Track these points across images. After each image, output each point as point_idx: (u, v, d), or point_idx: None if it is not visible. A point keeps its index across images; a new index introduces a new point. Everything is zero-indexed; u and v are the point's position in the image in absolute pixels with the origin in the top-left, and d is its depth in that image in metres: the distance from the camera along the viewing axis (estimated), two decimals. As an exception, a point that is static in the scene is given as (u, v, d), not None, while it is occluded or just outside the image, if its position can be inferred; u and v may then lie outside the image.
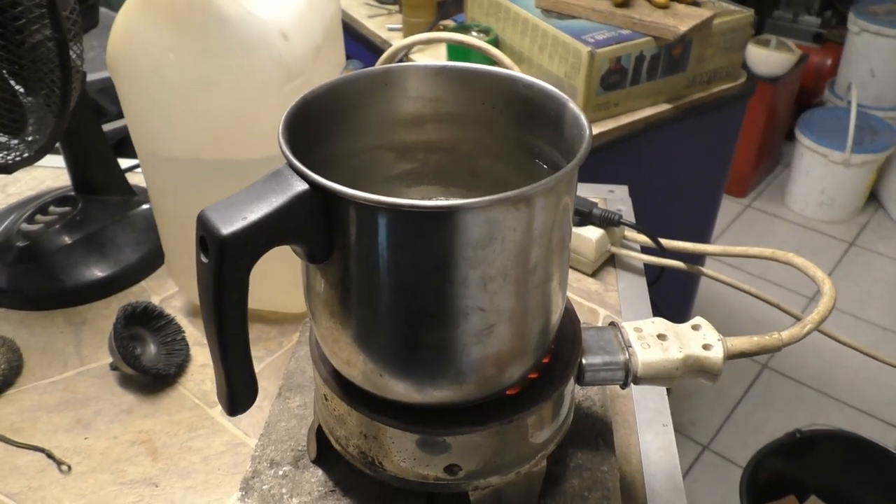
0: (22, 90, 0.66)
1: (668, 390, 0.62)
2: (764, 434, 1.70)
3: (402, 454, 0.45)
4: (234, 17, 0.56)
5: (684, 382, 0.51)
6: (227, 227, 0.34)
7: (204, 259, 0.35)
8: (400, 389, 0.42)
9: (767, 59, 2.27)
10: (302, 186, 0.36)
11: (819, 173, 2.42)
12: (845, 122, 2.32)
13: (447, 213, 0.35)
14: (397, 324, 0.39)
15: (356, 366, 0.42)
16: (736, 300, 1.99)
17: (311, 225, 0.37)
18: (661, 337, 0.52)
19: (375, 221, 0.36)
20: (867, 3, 2.48)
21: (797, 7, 2.60)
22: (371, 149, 0.48)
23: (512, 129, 0.46)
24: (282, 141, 0.38)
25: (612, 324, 0.53)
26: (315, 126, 0.44)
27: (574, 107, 0.41)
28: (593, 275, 0.80)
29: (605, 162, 1.11)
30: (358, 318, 0.40)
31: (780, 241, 2.42)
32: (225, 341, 0.37)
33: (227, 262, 0.35)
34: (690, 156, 1.26)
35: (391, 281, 0.38)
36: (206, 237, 0.34)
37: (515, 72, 0.47)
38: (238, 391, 0.40)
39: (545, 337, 0.44)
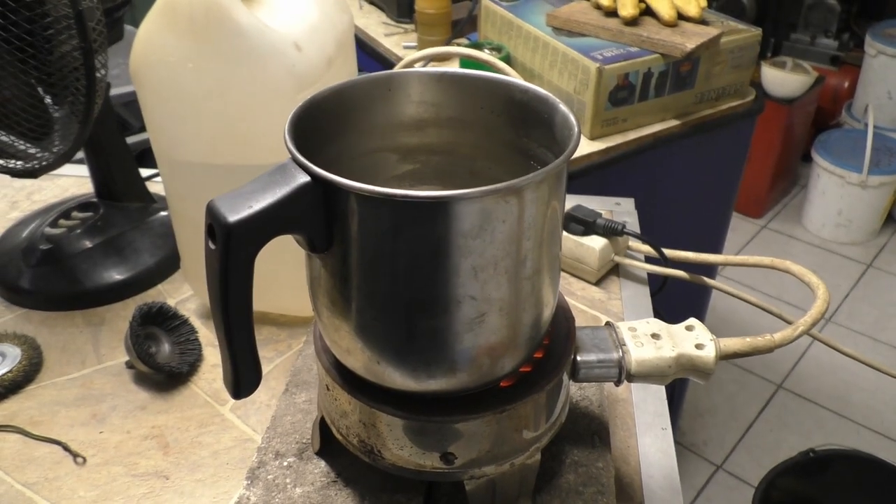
0: (50, 100, 0.69)
1: (679, 407, 0.63)
2: (779, 455, 1.68)
3: (398, 442, 0.47)
4: (249, 28, 0.59)
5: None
6: (234, 215, 0.36)
7: (212, 246, 0.37)
8: (396, 377, 0.44)
9: (783, 80, 2.29)
10: (304, 178, 0.38)
11: (836, 194, 2.42)
12: (862, 144, 2.32)
13: (439, 204, 0.37)
14: (392, 311, 0.41)
15: (354, 354, 0.44)
16: (750, 318, 1.99)
17: (311, 215, 0.39)
18: (655, 336, 0.53)
19: (371, 211, 0.38)
20: (884, 26, 2.50)
21: (815, 30, 2.62)
22: (375, 150, 0.51)
23: (508, 133, 0.49)
24: (287, 137, 0.40)
25: (608, 323, 0.55)
26: (321, 127, 0.46)
27: (564, 108, 0.43)
28: (597, 284, 0.81)
29: (613, 177, 1.12)
30: (355, 306, 0.42)
31: (796, 262, 2.41)
32: (230, 325, 0.39)
33: (233, 249, 0.37)
34: (699, 172, 1.27)
35: (386, 269, 0.40)
36: (214, 224, 0.37)
37: (512, 78, 0.49)
38: (243, 374, 0.42)
39: (537, 330, 0.46)
